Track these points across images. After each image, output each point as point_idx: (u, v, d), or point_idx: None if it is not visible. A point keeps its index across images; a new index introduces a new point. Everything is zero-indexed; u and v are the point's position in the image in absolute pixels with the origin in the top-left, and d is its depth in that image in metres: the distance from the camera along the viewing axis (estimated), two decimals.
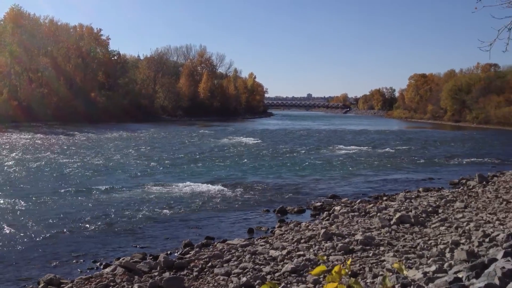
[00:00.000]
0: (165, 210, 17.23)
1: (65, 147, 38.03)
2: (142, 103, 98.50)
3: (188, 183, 22.85)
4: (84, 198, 18.95)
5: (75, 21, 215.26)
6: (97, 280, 10.31)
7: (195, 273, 10.70)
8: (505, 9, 5.02)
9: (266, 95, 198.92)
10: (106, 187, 21.47)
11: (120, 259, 11.59)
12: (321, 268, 2.24)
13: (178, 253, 12.51)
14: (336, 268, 2.20)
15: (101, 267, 11.52)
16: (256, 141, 48.98)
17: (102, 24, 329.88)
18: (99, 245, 13.32)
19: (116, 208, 17.35)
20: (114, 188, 21.30)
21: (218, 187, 22.05)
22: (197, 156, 34.36)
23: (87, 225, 15.09)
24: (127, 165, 28.72)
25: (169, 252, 12.56)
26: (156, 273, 10.74)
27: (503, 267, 6.70)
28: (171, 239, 14.05)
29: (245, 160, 32.79)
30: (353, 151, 40.50)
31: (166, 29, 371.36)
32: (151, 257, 12.07)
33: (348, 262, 2.39)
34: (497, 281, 6.38)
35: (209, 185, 22.48)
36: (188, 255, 12.01)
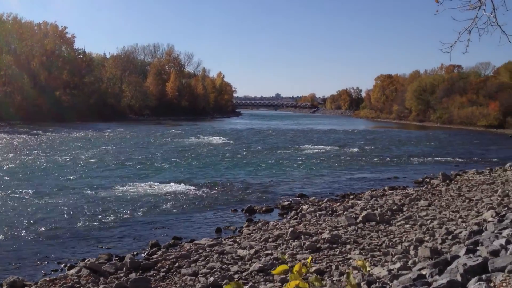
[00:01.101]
0: (131, 211, 17.03)
1: (28, 147, 37.15)
2: (109, 102, 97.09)
3: (155, 183, 22.65)
4: (48, 199, 18.55)
5: (39, 18, 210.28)
6: (62, 282, 10.12)
7: (162, 274, 10.62)
8: (465, 11, 5.15)
9: (235, 95, 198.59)
10: (71, 187, 21.11)
11: (85, 261, 11.41)
12: (283, 267, 2.26)
13: (145, 253, 12.39)
14: (296, 267, 2.22)
15: (66, 268, 11.31)
16: (224, 141, 48.88)
17: (67, 22, 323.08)
18: (64, 247, 13.07)
19: (80, 209, 17.06)
20: (79, 189, 20.92)
21: (185, 187, 21.92)
22: (165, 156, 34.07)
23: (51, 227, 14.77)
24: (92, 165, 28.26)
25: (135, 253, 12.43)
26: (122, 274, 10.61)
27: (465, 264, 6.88)
28: (138, 239, 13.90)
29: (213, 159, 32.70)
30: (321, 150, 40.83)
31: (133, 27, 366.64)
32: (117, 258, 11.91)
33: (309, 260, 2.41)
34: (459, 278, 6.54)
35: (176, 185, 22.32)
36: (155, 256, 11.91)
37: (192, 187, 21.80)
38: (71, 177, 23.98)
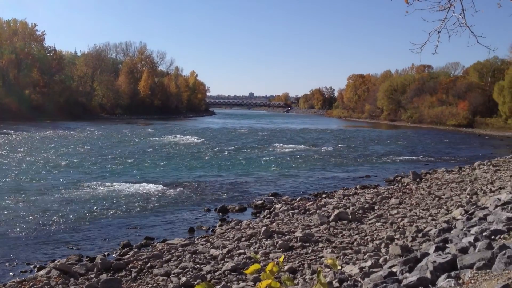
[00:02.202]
0: (103, 211, 16.81)
1: None
2: (79, 101, 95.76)
3: (126, 183, 22.39)
4: (18, 200, 18.16)
5: (9, 15, 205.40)
6: (31, 283, 9.94)
7: (133, 274, 10.53)
8: (435, 12, 5.23)
9: (208, 94, 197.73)
10: (41, 187, 20.71)
11: (55, 262, 11.24)
12: (255, 266, 2.25)
13: (116, 254, 12.25)
14: (268, 267, 2.21)
15: (35, 270, 11.10)
16: (197, 140, 48.67)
17: (37, 19, 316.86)
18: (33, 248, 12.81)
19: (51, 210, 16.76)
20: (49, 189, 20.56)
21: (158, 186, 21.75)
22: (136, 156, 33.73)
23: (20, 228, 14.47)
24: (63, 165, 27.80)
25: (106, 254, 12.28)
26: (93, 275, 10.48)
27: (435, 261, 6.99)
28: (109, 240, 13.73)
29: (186, 159, 32.52)
30: (294, 149, 41.02)
31: (104, 25, 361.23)
32: (87, 259, 11.75)
33: (281, 259, 2.41)
34: (428, 275, 6.64)
35: (149, 184, 22.13)
36: (127, 256, 11.79)
37: (164, 187, 21.63)
38: (40, 177, 23.54)
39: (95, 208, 17.20)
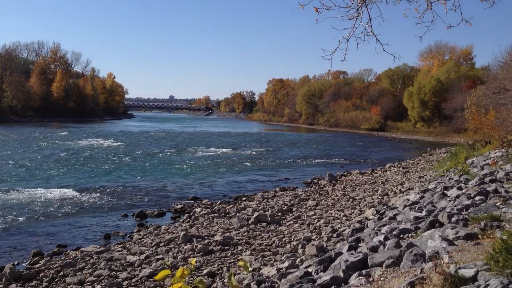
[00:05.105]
0: (12, 218, 15.92)
1: None
2: None
3: (38, 189, 21.36)
4: None
5: None
6: None
7: (45, 284, 10.08)
8: (344, 21, 5.44)
9: (127, 96, 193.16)
10: None
11: None
12: (165, 272, 2.24)
13: (26, 263, 11.71)
14: (178, 272, 2.21)
15: None
16: (114, 144, 47.35)
17: None
18: None
19: None
20: None
21: (72, 192, 20.93)
22: (49, 160, 32.25)
23: None
24: None
25: (16, 263, 11.68)
26: (1, 286, 9.94)
27: (347, 260, 7.24)
28: (19, 248, 13.04)
29: (102, 163, 31.54)
30: (215, 153, 41.00)
31: (15, 23, 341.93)
32: None
33: (193, 262, 2.41)
34: (341, 274, 6.88)
35: (61, 190, 21.23)
36: (38, 265, 11.29)
37: (78, 193, 20.86)
38: None
39: (3, 215, 16.24)
